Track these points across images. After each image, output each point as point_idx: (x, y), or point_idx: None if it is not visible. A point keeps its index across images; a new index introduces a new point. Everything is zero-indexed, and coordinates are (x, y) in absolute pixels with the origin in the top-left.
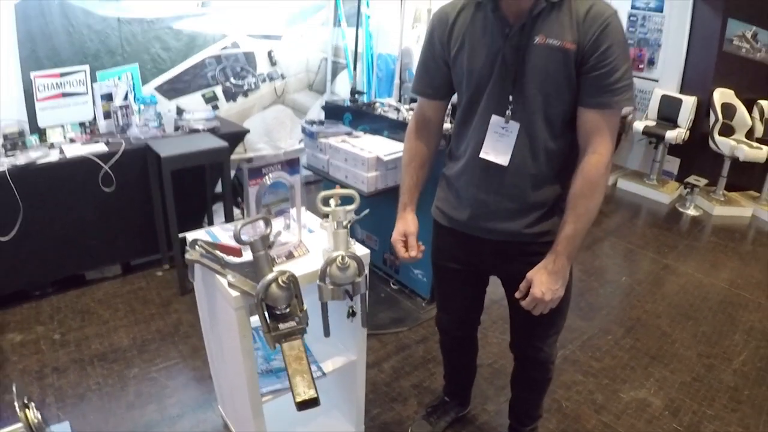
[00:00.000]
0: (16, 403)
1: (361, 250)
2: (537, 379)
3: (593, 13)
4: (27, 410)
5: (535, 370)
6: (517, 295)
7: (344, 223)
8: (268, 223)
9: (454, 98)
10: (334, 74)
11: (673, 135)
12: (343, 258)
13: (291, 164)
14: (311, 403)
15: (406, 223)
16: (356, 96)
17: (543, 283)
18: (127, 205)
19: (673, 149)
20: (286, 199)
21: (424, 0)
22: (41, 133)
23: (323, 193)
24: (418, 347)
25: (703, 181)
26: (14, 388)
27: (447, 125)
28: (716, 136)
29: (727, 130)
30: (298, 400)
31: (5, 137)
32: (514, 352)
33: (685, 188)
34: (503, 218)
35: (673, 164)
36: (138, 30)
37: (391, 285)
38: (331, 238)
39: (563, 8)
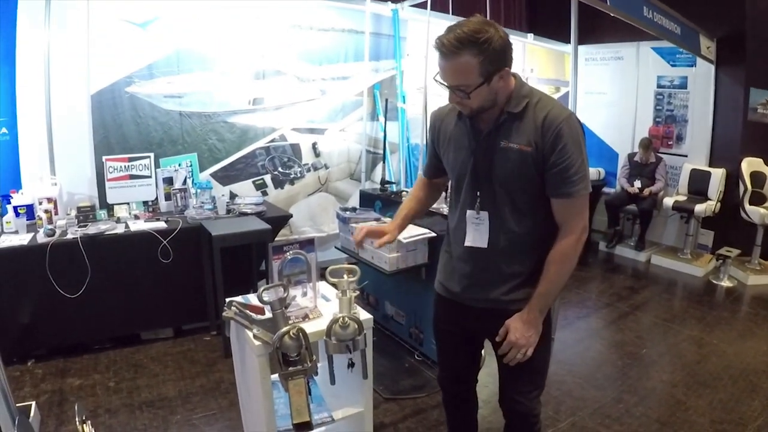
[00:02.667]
0: (77, 419)
1: (364, 315)
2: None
3: (549, 119)
4: (84, 425)
5: (519, 423)
6: (498, 338)
7: (347, 291)
8: (285, 289)
9: None
10: (374, 164)
11: (702, 208)
12: (344, 319)
13: (307, 244)
14: (305, 425)
15: (387, 224)
16: (385, 185)
17: (517, 329)
18: (181, 275)
19: (707, 222)
20: (304, 271)
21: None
22: (109, 209)
23: (331, 268)
24: (434, 411)
25: (734, 252)
26: (76, 407)
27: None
28: (746, 206)
29: (759, 199)
30: (294, 421)
31: (79, 210)
32: (501, 406)
33: (717, 260)
34: (484, 288)
35: (707, 237)
36: (197, 123)
37: (416, 356)
38: (338, 303)
39: (525, 117)
